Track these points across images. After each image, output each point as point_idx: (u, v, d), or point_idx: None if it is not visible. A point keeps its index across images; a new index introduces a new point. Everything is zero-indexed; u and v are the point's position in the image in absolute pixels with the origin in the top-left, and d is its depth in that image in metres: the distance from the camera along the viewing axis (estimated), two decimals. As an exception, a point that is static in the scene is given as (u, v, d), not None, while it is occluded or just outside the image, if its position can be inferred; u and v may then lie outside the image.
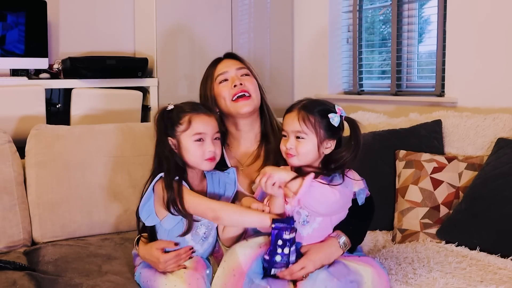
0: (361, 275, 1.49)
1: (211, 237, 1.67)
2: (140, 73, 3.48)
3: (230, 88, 1.80)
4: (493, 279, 1.67)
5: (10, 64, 3.31)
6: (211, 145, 1.63)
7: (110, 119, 3.10)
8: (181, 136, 1.62)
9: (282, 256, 1.45)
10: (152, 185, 1.62)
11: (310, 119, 1.55)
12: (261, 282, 1.44)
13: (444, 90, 3.02)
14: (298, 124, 1.55)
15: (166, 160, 1.62)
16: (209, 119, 1.65)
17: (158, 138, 1.66)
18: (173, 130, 1.63)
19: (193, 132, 1.62)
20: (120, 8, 3.88)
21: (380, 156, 2.31)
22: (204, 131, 1.62)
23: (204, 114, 1.65)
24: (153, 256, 1.61)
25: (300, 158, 1.56)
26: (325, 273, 1.47)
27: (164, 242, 1.63)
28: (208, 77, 1.87)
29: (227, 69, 1.84)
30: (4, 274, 1.67)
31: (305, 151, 1.55)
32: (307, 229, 1.55)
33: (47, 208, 2.07)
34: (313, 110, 1.56)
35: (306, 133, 1.55)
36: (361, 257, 1.60)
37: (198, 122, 1.63)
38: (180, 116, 1.63)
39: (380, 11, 3.64)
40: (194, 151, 1.61)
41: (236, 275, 1.46)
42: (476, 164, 2.13)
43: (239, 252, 1.49)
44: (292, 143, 1.56)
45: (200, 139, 1.62)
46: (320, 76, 3.87)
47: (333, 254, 1.53)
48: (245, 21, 3.93)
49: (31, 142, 2.14)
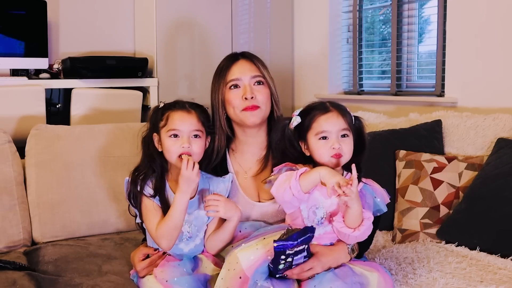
0: (367, 278, 1.49)
1: (198, 239, 1.67)
2: (140, 73, 3.48)
3: (240, 99, 1.72)
4: (493, 279, 1.67)
5: (10, 64, 3.30)
6: (185, 141, 1.61)
7: (110, 119, 3.10)
8: (161, 132, 1.65)
9: (286, 264, 1.44)
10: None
11: (347, 119, 1.58)
12: (264, 283, 1.43)
13: (444, 90, 3.02)
14: (344, 122, 1.56)
15: (143, 157, 1.69)
16: (187, 116, 1.64)
17: (145, 134, 1.70)
18: (157, 127, 1.66)
19: (168, 128, 1.63)
20: (120, 8, 3.88)
21: (380, 156, 2.31)
22: (178, 128, 1.62)
23: (182, 110, 1.65)
24: (134, 264, 1.70)
25: (346, 157, 1.56)
26: (330, 274, 1.48)
27: (145, 248, 1.71)
28: (220, 76, 1.77)
29: (240, 76, 1.74)
30: (4, 274, 1.67)
31: (350, 148, 1.56)
32: (319, 231, 1.53)
33: (47, 208, 2.07)
34: (345, 110, 1.60)
35: (349, 131, 1.57)
36: (366, 262, 1.61)
37: (174, 119, 1.64)
38: (163, 113, 1.66)
39: (380, 11, 3.64)
40: (169, 146, 1.62)
41: (242, 277, 1.44)
42: (476, 164, 2.13)
43: (241, 257, 1.45)
44: (336, 145, 1.54)
45: (174, 135, 1.63)
46: (320, 76, 3.87)
47: (342, 259, 1.54)
48: (245, 21, 3.93)
49: (31, 142, 2.14)
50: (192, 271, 1.61)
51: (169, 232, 1.59)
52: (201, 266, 1.65)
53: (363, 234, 1.51)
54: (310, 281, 1.46)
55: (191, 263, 1.64)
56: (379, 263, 1.83)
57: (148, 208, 1.63)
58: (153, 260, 1.66)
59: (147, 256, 1.69)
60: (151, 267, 1.65)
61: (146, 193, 1.63)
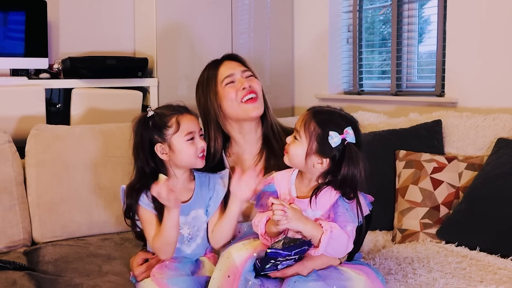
0: (352, 281, 1.46)
1: (199, 238, 1.67)
2: (140, 73, 3.48)
3: (238, 90, 1.74)
4: (493, 279, 1.67)
5: (10, 64, 3.31)
6: (201, 141, 1.65)
7: (110, 119, 3.10)
8: (172, 138, 1.62)
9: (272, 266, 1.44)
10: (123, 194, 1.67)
11: (310, 125, 1.49)
12: (255, 281, 1.44)
13: (444, 90, 3.02)
14: (299, 124, 1.52)
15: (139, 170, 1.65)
16: (193, 118, 1.67)
17: (138, 145, 1.65)
18: (162, 134, 1.62)
19: (184, 132, 1.62)
20: (120, 8, 3.88)
21: (380, 156, 2.31)
22: (193, 130, 1.64)
23: (187, 113, 1.66)
24: (132, 268, 1.70)
25: (290, 158, 1.53)
26: (313, 273, 1.46)
27: (144, 253, 1.71)
28: (210, 79, 1.79)
29: (233, 71, 1.77)
30: (4, 274, 1.67)
31: (293, 152, 1.51)
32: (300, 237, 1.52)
33: (47, 208, 2.07)
34: (319, 119, 1.49)
35: (301, 136, 1.50)
36: (356, 265, 1.56)
37: (186, 122, 1.63)
38: (165, 119, 1.63)
39: (380, 11, 3.64)
40: (188, 150, 1.62)
41: (231, 275, 1.45)
42: (476, 164, 2.13)
43: (235, 255, 1.48)
44: (290, 139, 1.54)
45: (192, 138, 1.63)
46: (320, 76, 3.87)
47: (330, 263, 1.51)
48: (245, 21, 3.93)
49: (31, 142, 2.14)
50: (192, 273, 1.61)
51: (163, 246, 1.59)
52: (203, 268, 1.64)
53: (333, 246, 1.45)
54: (291, 277, 1.44)
55: (191, 266, 1.63)
56: (379, 263, 1.83)
57: (145, 220, 1.63)
58: (151, 264, 1.65)
59: (146, 261, 1.69)
60: (149, 271, 1.64)
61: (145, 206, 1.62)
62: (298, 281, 1.42)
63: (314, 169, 1.51)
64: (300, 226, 1.44)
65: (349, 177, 1.46)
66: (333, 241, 1.44)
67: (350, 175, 1.46)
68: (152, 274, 1.60)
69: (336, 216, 1.48)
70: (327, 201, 1.49)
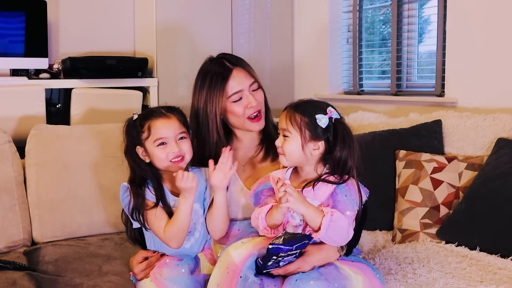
0: (351, 281, 1.48)
1: (197, 232, 1.69)
2: (140, 73, 3.48)
3: (245, 108, 1.75)
4: (493, 279, 1.67)
5: (10, 64, 3.30)
6: (174, 146, 1.64)
7: (110, 119, 3.10)
8: (145, 143, 1.66)
9: (275, 263, 1.45)
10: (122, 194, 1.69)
11: (296, 118, 1.55)
12: (255, 278, 1.46)
13: (444, 90, 3.02)
14: (285, 122, 1.56)
15: (133, 169, 1.70)
16: (168, 121, 1.66)
17: (126, 148, 1.71)
18: (139, 139, 1.66)
19: (153, 138, 1.64)
20: (120, 8, 3.88)
21: (380, 156, 2.31)
22: (164, 135, 1.64)
23: (162, 117, 1.66)
24: (132, 267, 1.72)
25: (287, 157, 1.57)
26: (315, 271, 1.47)
27: (144, 252, 1.72)
28: (216, 88, 1.74)
29: (241, 87, 1.75)
30: (4, 274, 1.67)
31: (289, 150, 1.55)
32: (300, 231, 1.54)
33: (47, 208, 2.07)
34: (301, 110, 1.56)
35: (291, 131, 1.55)
36: (355, 262, 1.57)
37: (157, 127, 1.65)
38: (142, 124, 1.67)
39: (380, 11, 3.64)
40: (159, 155, 1.64)
41: (230, 272, 1.46)
42: (476, 164, 2.13)
43: (233, 253, 1.49)
44: (280, 141, 1.57)
45: (162, 143, 1.64)
46: (320, 76, 3.87)
47: (331, 257, 1.53)
48: (245, 21, 3.93)
49: (31, 142, 2.14)
50: (192, 272, 1.62)
51: (177, 234, 1.62)
52: (200, 265, 1.66)
53: (332, 232, 1.46)
54: (293, 275, 1.46)
55: (190, 264, 1.64)
56: (379, 263, 1.83)
57: (153, 215, 1.64)
58: (151, 262, 1.67)
59: (146, 259, 1.69)
60: (148, 269, 1.65)
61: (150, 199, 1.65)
62: (300, 280, 1.43)
63: (313, 156, 1.55)
64: (302, 209, 1.47)
65: (346, 148, 1.53)
66: (334, 224, 1.46)
67: (347, 145, 1.53)
68: (151, 274, 1.61)
69: (336, 203, 1.52)
70: (325, 190, 1.53)
